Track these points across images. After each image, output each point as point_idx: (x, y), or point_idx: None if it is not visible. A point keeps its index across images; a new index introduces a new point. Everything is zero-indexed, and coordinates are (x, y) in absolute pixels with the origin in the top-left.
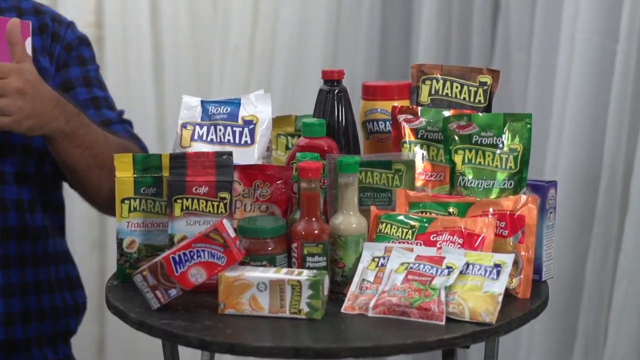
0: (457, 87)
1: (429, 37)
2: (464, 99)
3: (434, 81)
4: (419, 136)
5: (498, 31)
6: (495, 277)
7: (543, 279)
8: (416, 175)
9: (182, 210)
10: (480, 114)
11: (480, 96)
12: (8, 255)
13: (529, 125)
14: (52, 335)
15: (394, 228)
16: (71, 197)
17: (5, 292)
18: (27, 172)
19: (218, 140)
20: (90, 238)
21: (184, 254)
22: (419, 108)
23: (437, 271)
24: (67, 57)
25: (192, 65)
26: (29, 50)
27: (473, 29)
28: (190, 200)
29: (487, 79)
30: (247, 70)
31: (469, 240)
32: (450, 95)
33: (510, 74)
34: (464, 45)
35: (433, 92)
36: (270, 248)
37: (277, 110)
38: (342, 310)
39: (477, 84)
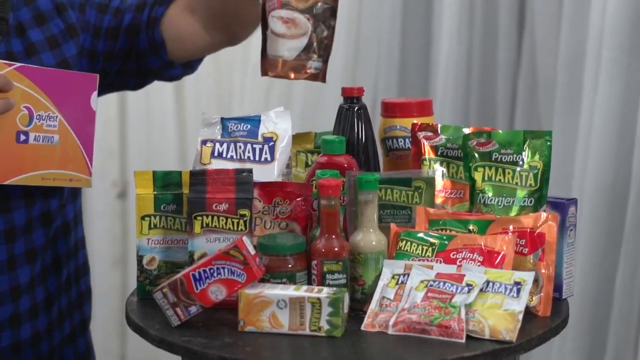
0: None
1: (449, 55)
2: None
3: None
4: (438, 153)
5: (523, 48)
6: (515, 295)
7: (563, 297)
8: (436, 193)
9: (202, 227)
10: (500, 131)
11: None
12: (60, 256)
13: (549, 143)
14: (80, 323)
15: (414, 245)
16: (92, 213)
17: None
18: None
19: (238, 157)
20: (112, 254)
21: (204, 271)
22: (439, 125)
23: (457, 289)
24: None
25: (212, 82)
26: (94, 104)
27: (497, 45)
28: (210, 217)
29: None
30: (266, 87)
31: (489, 258)
32: None
33: (536, 90)
34: (488, 62)
35: None
36: (290, 265)
37: (296, 127)
38: (362, 327)
39: None
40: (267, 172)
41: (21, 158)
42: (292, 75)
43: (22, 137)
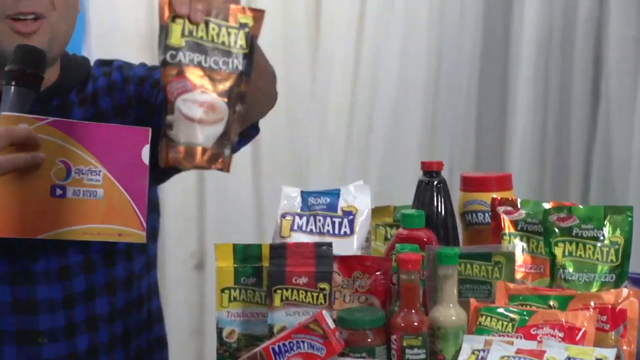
0: (214, 29)
1: (524, 129)
2: (223, 42)
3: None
4: (518, 228)
5: (598, 121)
6: None
7: None
8: (516, 268)
9: (281, 300)
10: (580, 206)
11: (241, 40)
12: (129, 329)
13: (630, 218)
14: None
15: (494, 321)
16: (169, 283)
17: None
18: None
19: (317, 230)
20: (189, 325)
21: (284, 344)
22: (519, 200)
23: None
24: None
25: (288, 153)
26: (145, 158)
27: (571, 118)
28: (290, 290)
29: (247, 19)
30: (343, 158)
31: (570, 334)
32: (206, 38)
33: (611, 163)
34: (562, 135)
35: (187, 33)
36: (369, 339)
37: (373, 200)
38: None
39: (237, 26)
40: (346, 246)
41: (57, 212)
42: (212, 166)
43: (59, 192)
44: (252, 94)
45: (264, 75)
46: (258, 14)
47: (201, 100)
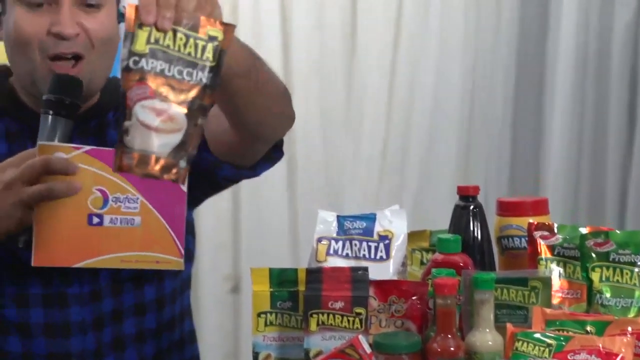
0: (181, 39)
1: (560, 153)
2: (189, 53)
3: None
4: (555, 253)
5: (635, 144)
6: None
7: None
8: (553, 293)
9: (317, 325)
10: (617, 231)
11: (209, 53)
12: (161, 350)
13: None
14: None
15: (531, 346)
16: (204, 306)
17: None
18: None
19: (353, 255)
20: (224, 348)
21: None
22: (555, 225)
23: None
24: None
25: (324, 176)
26: (184, 185)
27: (607, 141)
28: (326, 315)
29: (217, 33)
30: (378, 182)
31: None
32: (172, 47)
33: None
34: (598, 159)
35: (152, 40)
36: None
37: (408, 224)
38: None
39: (206, 38)
40: (382, 270)
41: (94, 240)
42: (164, 176)
43: (95, 220)
44: (259, 112)
45: (271, 93)
46: (228, 28)
47: (160, 108)
